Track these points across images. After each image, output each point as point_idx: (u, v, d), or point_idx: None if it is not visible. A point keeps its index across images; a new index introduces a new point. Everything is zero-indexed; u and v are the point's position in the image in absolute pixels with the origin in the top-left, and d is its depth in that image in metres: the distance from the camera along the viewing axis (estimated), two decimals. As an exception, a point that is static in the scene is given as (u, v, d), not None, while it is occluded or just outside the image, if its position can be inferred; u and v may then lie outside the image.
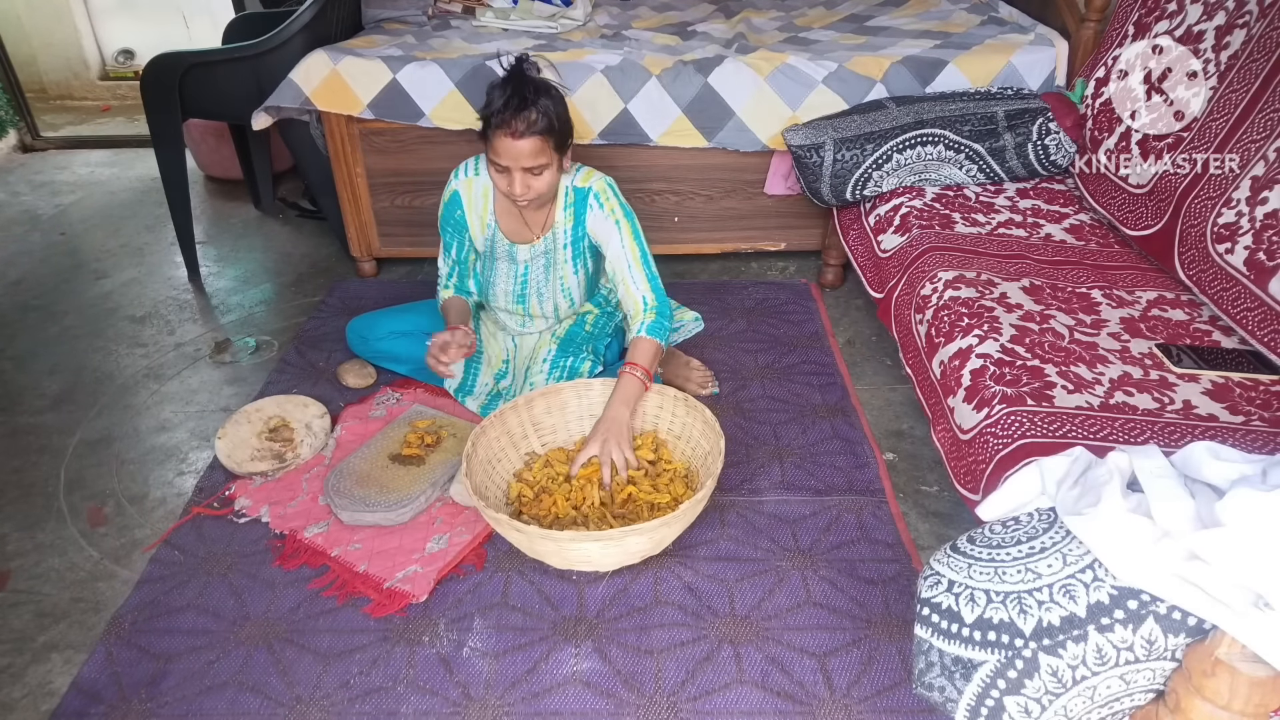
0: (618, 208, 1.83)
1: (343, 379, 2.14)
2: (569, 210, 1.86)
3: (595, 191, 1.83)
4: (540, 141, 1.63)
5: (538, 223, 1.88)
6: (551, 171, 1.70)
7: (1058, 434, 1.31)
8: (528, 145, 1.62)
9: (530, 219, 1.87)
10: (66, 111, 4.47)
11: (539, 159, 1.65)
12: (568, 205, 1.85)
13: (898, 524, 1.72)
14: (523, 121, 1.60)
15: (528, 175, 1.67)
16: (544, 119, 1.62)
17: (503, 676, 1.42)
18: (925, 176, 2.15)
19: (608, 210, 1.82)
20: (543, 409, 1.85)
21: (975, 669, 0.97)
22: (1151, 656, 0.90)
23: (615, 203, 1.83)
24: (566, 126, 1.70)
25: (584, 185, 1.84)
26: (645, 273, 1.82)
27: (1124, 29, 2.10)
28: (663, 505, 1.68)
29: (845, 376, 2.18)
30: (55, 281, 2.76)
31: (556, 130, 1.66)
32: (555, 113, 1.65)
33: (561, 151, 1.71)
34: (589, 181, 1.84)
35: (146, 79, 2.50)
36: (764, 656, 1.45)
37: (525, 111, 1.60)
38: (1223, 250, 1.59)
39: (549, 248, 1.90)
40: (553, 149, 1.67)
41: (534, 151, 1.64)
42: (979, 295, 1.68)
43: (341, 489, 1.76)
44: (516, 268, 1.94)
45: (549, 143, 1.65)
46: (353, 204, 2.56)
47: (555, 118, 1.65)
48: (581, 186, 1.84)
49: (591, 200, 1.83)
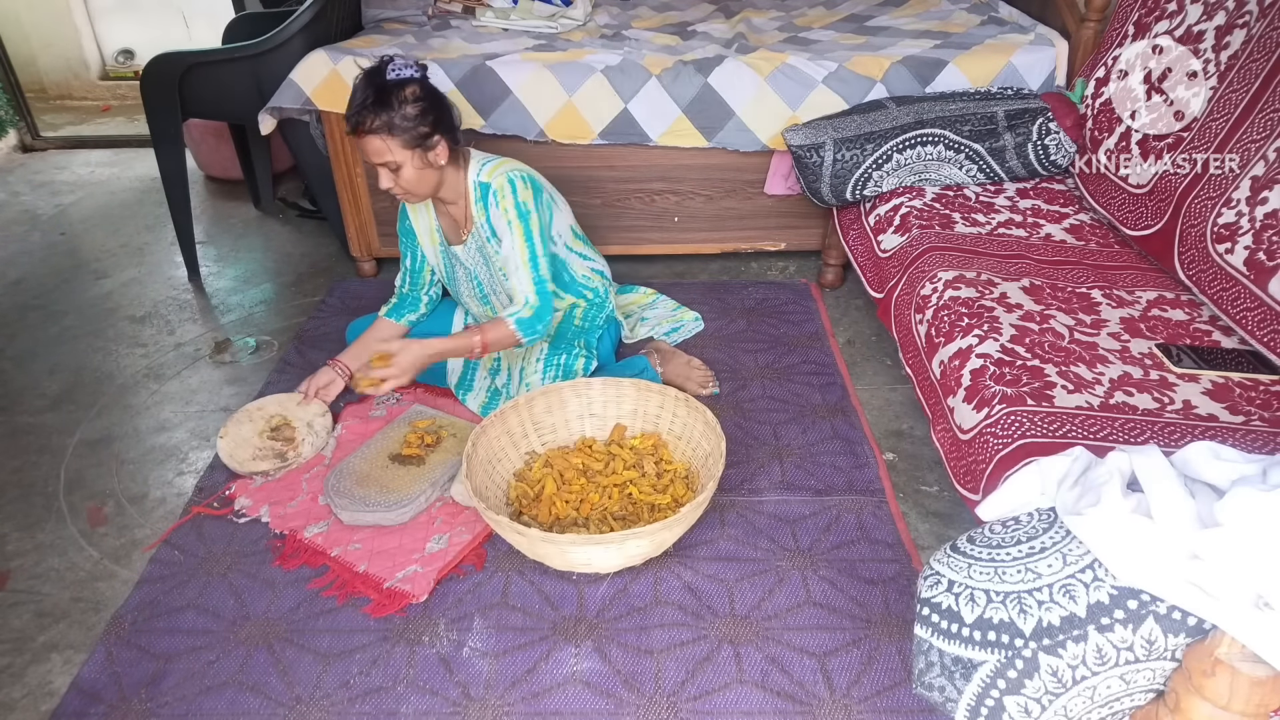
0: (512, 208, 1.84)
1: None
2: (479, 205, 1.88)
3: (494, 190, 1.84)
4: (381, 141, 1.69)
5: (461, 219, 1.92)
6: (411, 168, 1.74)
7: (1058, 434, 1.31)
8: (371, 144, 1.70)
9: (454, 216, 1.92)
10: (66, 111, 4.47)
11: (385, 156, 1.71)
12: (478, 200, 1.88)
13: (898, 524, 1.72)
14: (362, 123, 1.68)
15: (386, 169, 1.74)
16: (382, 119, 1.67)
17: (503, 676, 1.42)
18: (925, 176, 2.15)
19: (502, 209, 1.84)
20: (543, 408, 1.85)
21: (975, 669, 0.97)
22: (1151, 656, 0.90)
23: (511, 201, 1.84)
24: (418, 125, 1.71)
25: (488, 180, 1.86)
26: (531, 275, 1.86)
27: (1124, 29, 2.10)
28: (663, 506, 1.68)
29: (845, 376, 2.18)
30: (55, 281, 2.76)
31: (402, 128, 1.69)
32: (399, 113, 1.68)
33: (417, 147, 1.72)
34: (492, 177, 1.86)
35: (146, 79, 2.50)
36: (764, 656, 1.45)
37: (365, 111, 1.67)
38: (1223, 250, 1.59)
39: (479, 243, 1.92)
40: (400, 147, 1.70)
41: (378, 150, 1.70)
42: (979, 295, 1.68)
43: (341, 489, 1.76)
44: (468, 270, 1.98)
45: (392, 141, 1.69)
46: (353, 204, 2.56)
47: (399, 117, 1.68)
48: (486, 181, 1.86)
49: (490, 198, 1.86)
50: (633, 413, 1.88)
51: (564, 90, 2.36)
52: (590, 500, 1.70)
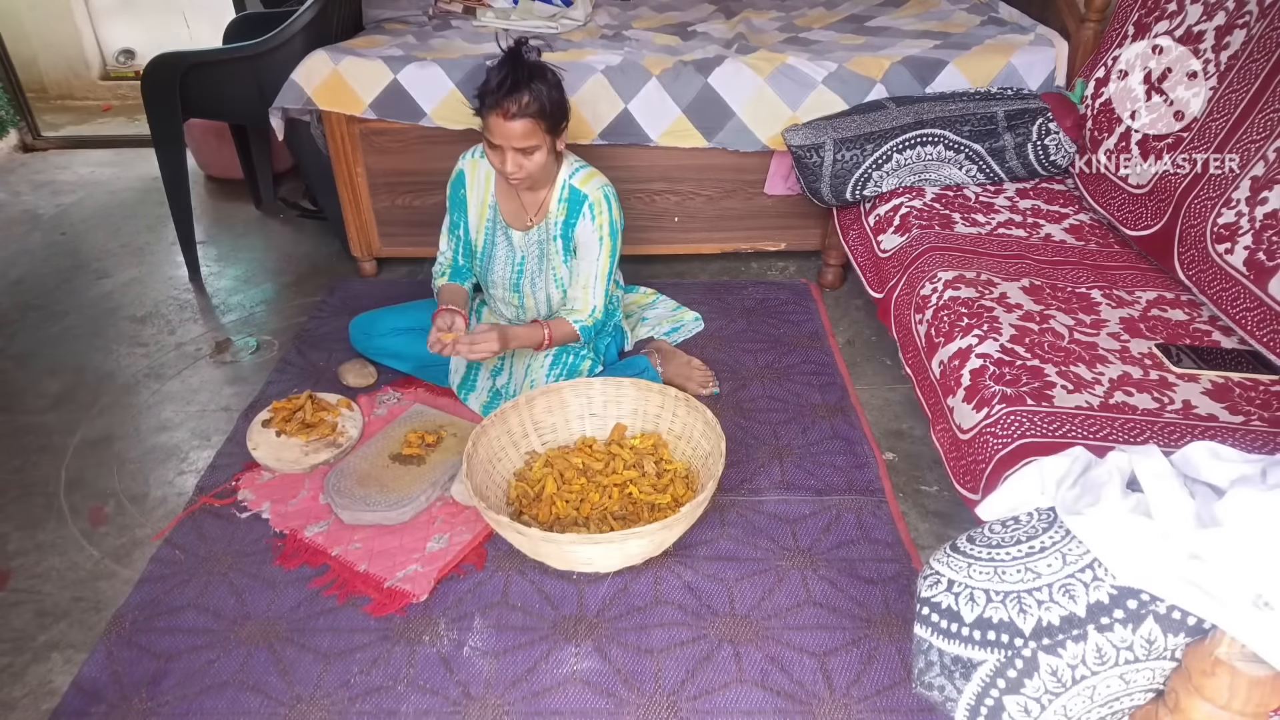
0: (606, 225, 1.86)
1: (343, 379, 2.14)
2: (563, 204, 1.88)
3: (591, 202, 1.85)
4: (531, 123, 1.68)
5: (533, 208, 1.91)
6: (543, 153, 1.74)
7: (1057, 434, 1.31)
8: (519, 126, 1.67)
9: (526, 202, 1.91)
10: (67, 111, 4.47)
11: (529, 140, 1.69)
12: (562, 199, 1.87)
13: (897, 524, 1.72)
14: (514, 103, 1.65)
15: (519, 155, 1.72)
16: (536, 102, 1.67)
17: (503, 676, 1.43)
18: (925, 177, 2.15)
19: (597, 225, 1.86)
20: (543, 408, 1.85)
21: (975, 668, 0.98)
22: (1151, 656, 0.91)
23: (606, 219, 1.85)
24: (559, 110, 1.73)
25: (582, 189, 1.86)
26: (603, 290, 1.92)
27: (1124, 29, 2.10)
28: (663, 506, 1.68)
29: (845, 376, 2.18)
30: (56, 281, 2.77)
31: (548, 114, 1.70)
32: (548, 96, 1.69)
33: (554, 134, 1.74)
34: (587, 186, 1.86)
35: (147, 79, 2.50)
36: (764, 656, 1.45)
37: (518, 93, 1.65)
38: (1222, 250, 1.59)
39: (542, 236, 1.92)
40: (544, 131, 1.71)
41: (525, 133, 1.68)
42: (979, 295, 1.68)
43: (342, 488, 1.76)
44: (514, 254, 1.96)
45: (540, 125, 1.69)
46: (353, 204, 2.56)
47: (548, 101, 1.69)
48: (579, 189, 1.86)
49: (585, 209, 1.86)
50: (633, 412, 1.88)
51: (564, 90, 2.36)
52: (590, 500, 1.70)
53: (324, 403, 2.01)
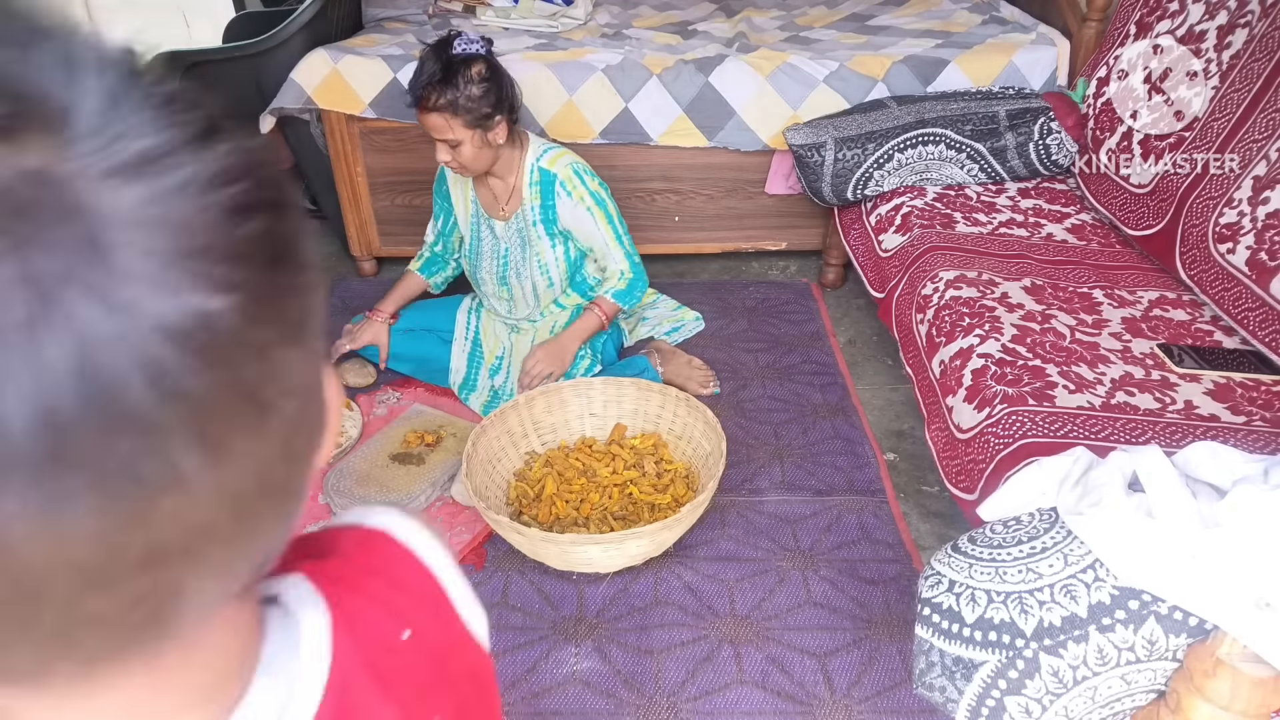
0: (586, 194, 1.86)
1: (343, 378, 2.14)
2: (534, 188, 1.88)
3: (561, 180, 1.85)
4: (443, 118, 1.68)
5: (505, 195, 1.92)
6: (470, 146, 1.73)
7: (1059, 434, 1.31)
8: (434, 120, 1.70)
9: (497, 191, 1.92)
10: (67, 110, 4.47)
11: (447, 133, 1.70)
12: (533, 183, 1.88)
13: (898, 524, 1.72)
14: (427, 97, 1.68)
15: (446, 146, 1.74)
16: (447, 96, 1.67)
17: (503, 676, 1.42)
18: (926, 176, 2.15)
19: (577, 198, 1.85)
20: (543, 408, 1.85)
21: (976, 669, 0.97)
22: (1153, 657, 0.90)
23: (583, 189, 1.85)
24: (481, 104, 1.70)
25: (549, 168, 1.86)
26: (623, 250, 1.93)
27: (1125, 28, 2.10)
28: (663, 506, 1.68)
29: (846, 376, 2.18)
30: (56, 280, 2.76)
31: (464, 109, 1.68)
32: (465, 90, 1.68)
33: (479, 128, 1.73)
34: (554, 165, 1.86)
35: (147, 78, 2.49)
36: (764, 657, 1.45)
37: (431, 87, 1.67)
38: (1224, 250, 1.58)
39: (521, 224, 1.93)
40: (463, 126, 1.70)
41: (440, 126, 1.70)
42: (980, 295, 1.68)
43: (341, 488, 1.76)
44: (498, 245, 1.98)
45: (455, 120, 1.69)
46: (353, 203, 2.55)
47: (464, 95, 1.68)
48: (547, 169, 1.86)
49: (559, 189, 1.86)
50: (633, 412, 1.88)
51: (565, 89, 2.36)
52: (590, 500, 1.70)
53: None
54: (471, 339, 2.11)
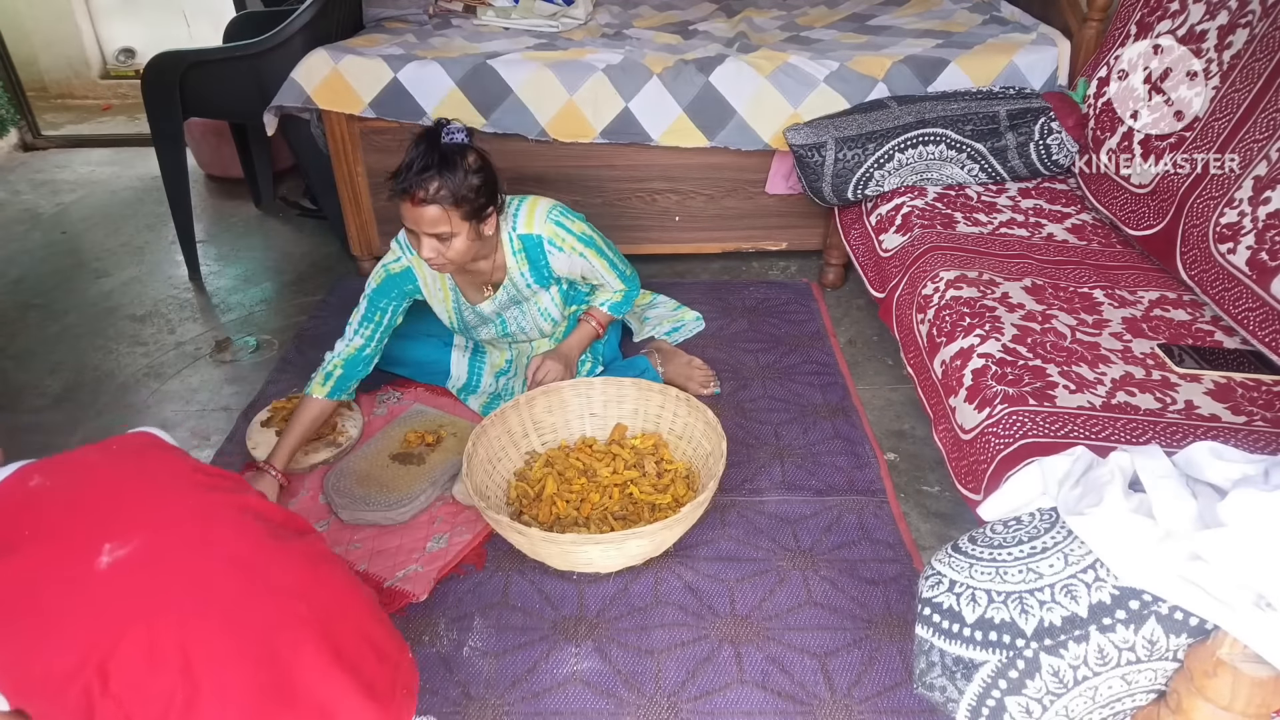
0: (575, 241, 1.82)
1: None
2: (519, 255, 1.82)
3: (548, 238, 1.80)
4: (441, 211, 1.59)
5: (487, 275, 1.84)
6: (463, 240, 1.64)
7: (1059, 434, 1.31)
8: (429, 213, 1.59)
9: (479, 272, 1.83)
10: (67, 110, 4.47)
11: (440, 227, 1.60)
12: (516, 252, 1.82)
13: (899, 524, 1.72)
14: (423, 189, 1.57)
15: (435, 241, 1.63)
16: (447, 188, 1.57)
17: (503, 676, 1.42)
18: (927, 176, 2.15)
19: (568, 250, 1.82)
20: (543, 408, 1.85)
21: (976, 669, 0.97)
22: (1153, 657, 0.90)
23: (571, 239, 1.81)
24: (479, 196, 1.63)
25: (530, 232, 1.79)
26: (617, 274, 1.92)
27: (1126, 28, 2.09)
28: (664, 506, 1.68)
29: (846, 376, 2.18)
30: (56, 280, 2.76)
31: (463, 199, 1.60)
32: (463, 182, 1.59)
33: (474, 219, 1.64)
34: (533, 227, 1.78)
35: (147, 78, 2.50)
36: (765, 657, 1.45)
37: (427, 178, 1.57)
38: (1225, 250, 1.58)
39: (513, 294, 1.89)
40: (460, 218, 1.61)
41: (435, 219, 1.59)
42: (981, 295, 1.68)
43: (342, 488, 1.76)
44: (488, 319, 1.94)
45: (454, 212, 1.60)
46: (353, 203, 2.56)
47: (462, 187, 1.59)
48: (527, 234, 1.79)
49: (548, 247, 1.81)
50: (633, 412, 1.88)
51: (565, 89, 2.36)
52: (591, 500, 1.70)
53: None
54: (472, 345, 2.11)
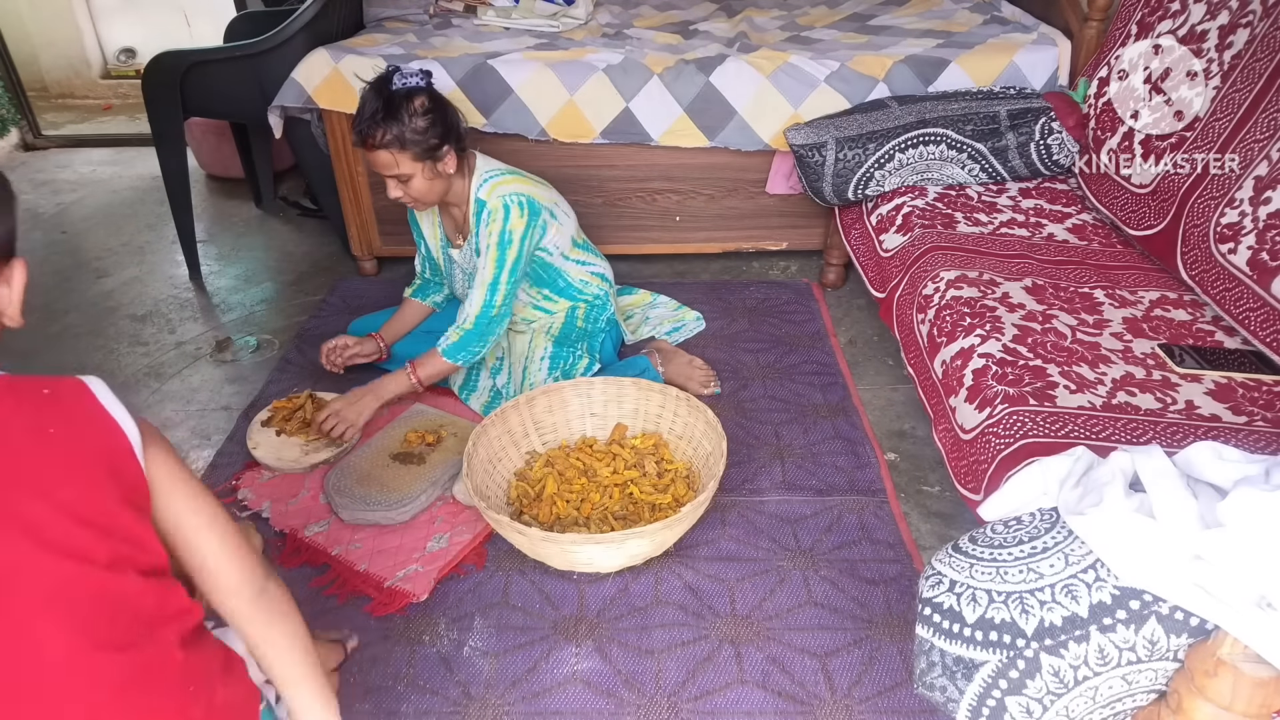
0: (496, 232, 1.83)
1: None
2: (474, 218, 1.89)
3: (489, 209, 1.84)
4: (390, 155, 1.70)
5: (460, 222, 1.94)
6: (420, 179, 1.75)
7: (1060, 434, 1.31)
8: (380, 157, 1.72)
9: (455, 219, 1.95)
10: (68, 110, 4.47)
11: (395, 169, 1.72)
12: (474, 213, 1.88)
13: (899, 524, 1.72)
14: (372, 135, 1.69)
15: (395, 181, 1.76)
16: (392, 132, 1.68)
17: (503, 676, 1.42)
18: (927, 176, 2.15)
19: (488, 231, 1.84)
20: (544, 408, 1.85)
21: (977, 669, 0.97)
22: (1154, 657, 0.90)
23: (498, 227, 1.83)
24: (428, 136, 1.72)
25: (485, 198, 1.86)
26: (483, 299, 1.86)
27: (1127, 28, 2.09)
28: (664, 506, 1.68)
29: (847, 376, 2.18)
30: (56, 280, 2.77)
31: (410, 142, 1.70)
32: (411, 125, 1.69)
33: (427, 159, 1.74)
34: (490, 195, 1.85)
35: (148, 78, 2.50)
36: (765, 657, 1.45)
37: (374, 125, 1.68)
38: (1225, 250, 1.58)
39: (468, 254, 1.95)
40: (411, 159, 1.72)
41: (386, 163, 1.72)
42: (981, 295, 1.68)
43: (342, 488, 1.76)
44: (462, 270, 1.99)
45: (403, 155, 1.71)
46: (354, 202, 2.56)
47: (409, 130, 1.69)
48: (483, 199, 1.86)
49: (484, 216, 1.86)
50: (634, 412, 1.88)
51: (565, 89, 2.36)
52: (591, 500, 1.70)
53: (324, 402, 2.01)
54: None
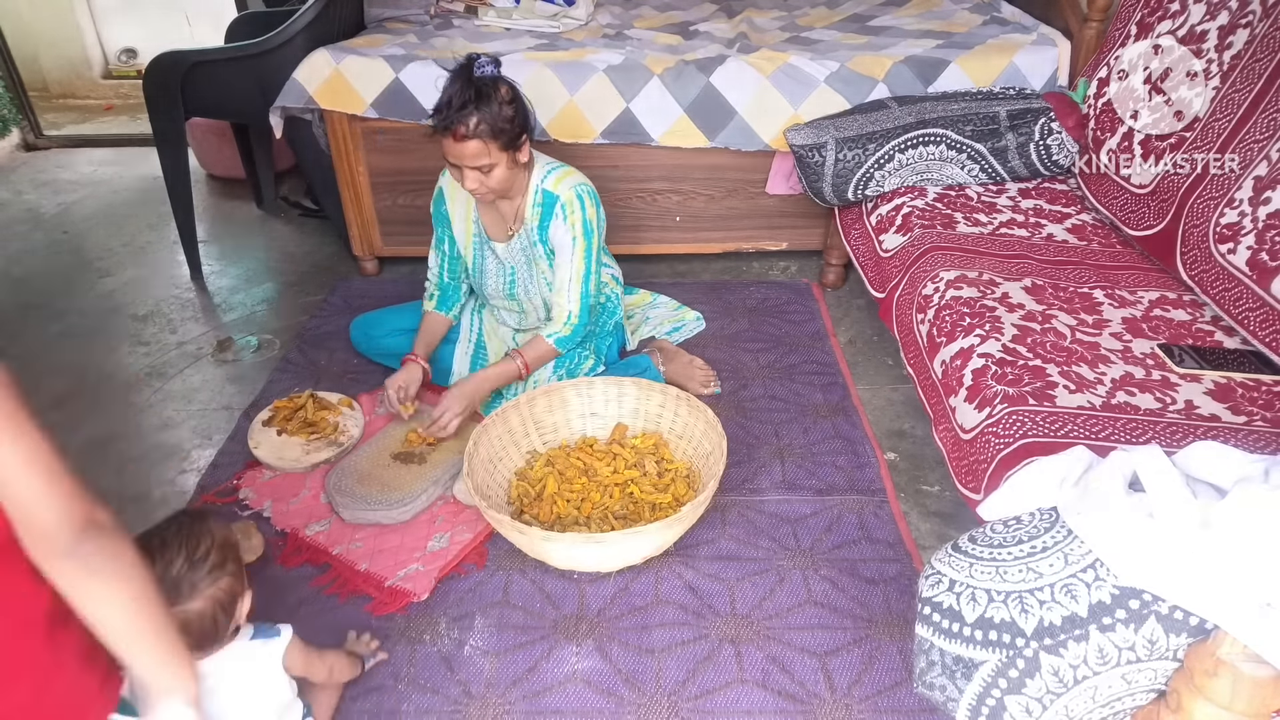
0: (579, 224, 1.83)
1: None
2: (537, 209, 1.86)
3: (563, 202, 1.83)
4: (482, 144, 1.67)
5: (511, 216, 1.90)
6: (503, 169, 1.72)
7: (1059, 434, 1.31)
8: (471, 146, 1.67)
9: (504, 212, 1.90)
10: (69, 110, 4.47)
11: (482, 159, 1.69)
12: (536, 204, 1.86)
13: (899, 523, 1.72)
14: (463, 124, 1.65)
15: (477, 173, 1.71)
16: (485, 121, 1.65)
17: (504, 675, 1.43)
18: (927, 176, 2.15)
19: (570, 224, 1.83)
20: (544, 407, 1.85)
21: (976, 668, 0.97)
22: (1153, 656, 0.90)
23: (579, 217, 1.83)
24: (514, 125, 1.71)
25: (554, 190, 1.84)
26: (581, 290, 1.87)
27: (1127, 29, 2.10)
28: (664, 505, 1.68)
29: (847, 376, 2.18)
30: (58, 280, 2.77)
31: (500, 131, 1.68)
32: (499, 114, 1.67)
33: (511, 149, 1.72)
34: (559, 187, 1.83)
35: (149, 78, 2.50)
36: (765, 656, 1.45)
37: (465, 114, 1.64)
38: (1225, 250, 1.58)
39: (525, 244, 1.91)
40: (499, 149, 1.69)
41: (476, 152, 1.67)
42: (981, 295, 1.68)
43: (343, 487, 1.76)
44: (502, 266, 1.96)
45: (493, 144, 1.68)
46: (355, 203, 2.56)
47: (499, 119, 1.67)
48: (551, 190, 1.84)
49: (558, 209, 1.84)
50: (634, 412, 1.88)
51: (566, 90, 2.36)
52: (591, 499, 1.70)
53: (325, 402, 2.01)
54: (475, 341, 2.11)
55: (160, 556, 1.09)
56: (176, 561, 1.09)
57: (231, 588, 1.10)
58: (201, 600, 1.08)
